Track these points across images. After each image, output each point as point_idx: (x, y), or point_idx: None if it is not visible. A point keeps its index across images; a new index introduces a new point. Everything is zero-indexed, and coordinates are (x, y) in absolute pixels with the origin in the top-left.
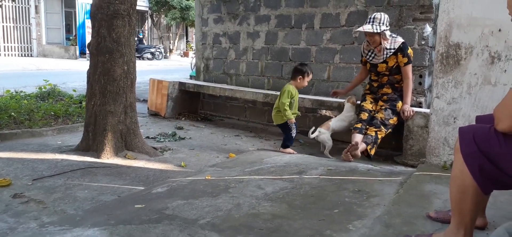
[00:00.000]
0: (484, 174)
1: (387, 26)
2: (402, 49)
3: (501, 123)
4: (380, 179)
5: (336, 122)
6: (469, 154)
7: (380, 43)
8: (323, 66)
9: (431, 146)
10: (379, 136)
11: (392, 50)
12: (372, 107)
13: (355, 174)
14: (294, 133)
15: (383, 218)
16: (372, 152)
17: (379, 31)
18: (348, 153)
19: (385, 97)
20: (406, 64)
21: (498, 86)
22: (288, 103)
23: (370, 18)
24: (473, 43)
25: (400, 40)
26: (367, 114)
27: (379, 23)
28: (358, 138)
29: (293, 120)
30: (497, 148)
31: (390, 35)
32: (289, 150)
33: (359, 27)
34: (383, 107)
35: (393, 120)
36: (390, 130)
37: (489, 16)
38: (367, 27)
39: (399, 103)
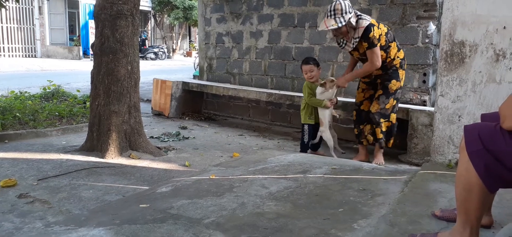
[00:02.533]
0: (490, 172)
1: (350, 12)
2: (363, 36)
3: (506, 120)
4: (385, 177)
5: (322, 113)
6: (474, 152)
7: (348, 32)
8: (326, 65)
9: (435, 144)
10: (385, 129)
11: (358, 39)
12: (363, 96)
13: (359, 173)
14: (306, 138)
15: (388, 217)
16: (390, 144)
17: (344, 23)
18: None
19: (378, 80)
20: (368, 48)
21: (503, 84)
22: (307, 97)
23: (331, 10)
24: (478, 41)
25: (365, 24)
26: (355, 112)
27: (342, 13)
28: (361, 150)
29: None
30: (503, 146)
31: (356, 21)
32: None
33: (321, 21)
34: (377, 96)
35: (389, 104)
36: (392, 112)
37: (493, 13)
38: (331, 23)
39: (392, 83)
